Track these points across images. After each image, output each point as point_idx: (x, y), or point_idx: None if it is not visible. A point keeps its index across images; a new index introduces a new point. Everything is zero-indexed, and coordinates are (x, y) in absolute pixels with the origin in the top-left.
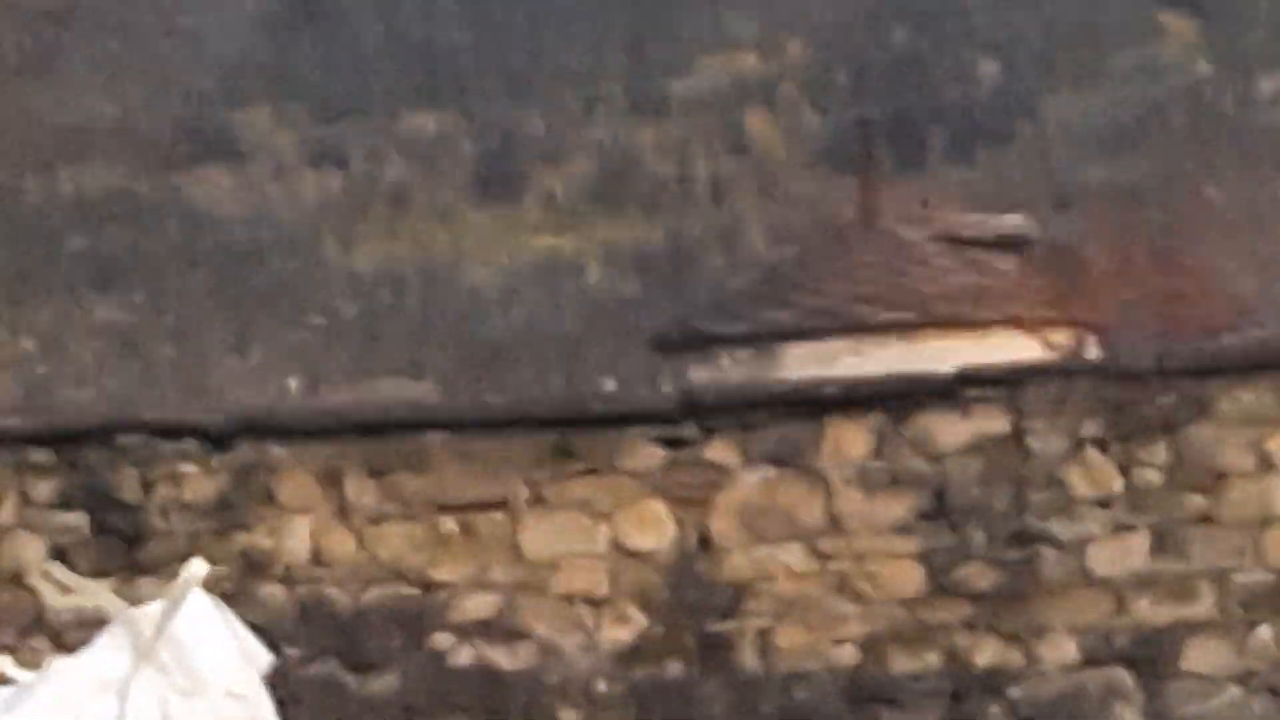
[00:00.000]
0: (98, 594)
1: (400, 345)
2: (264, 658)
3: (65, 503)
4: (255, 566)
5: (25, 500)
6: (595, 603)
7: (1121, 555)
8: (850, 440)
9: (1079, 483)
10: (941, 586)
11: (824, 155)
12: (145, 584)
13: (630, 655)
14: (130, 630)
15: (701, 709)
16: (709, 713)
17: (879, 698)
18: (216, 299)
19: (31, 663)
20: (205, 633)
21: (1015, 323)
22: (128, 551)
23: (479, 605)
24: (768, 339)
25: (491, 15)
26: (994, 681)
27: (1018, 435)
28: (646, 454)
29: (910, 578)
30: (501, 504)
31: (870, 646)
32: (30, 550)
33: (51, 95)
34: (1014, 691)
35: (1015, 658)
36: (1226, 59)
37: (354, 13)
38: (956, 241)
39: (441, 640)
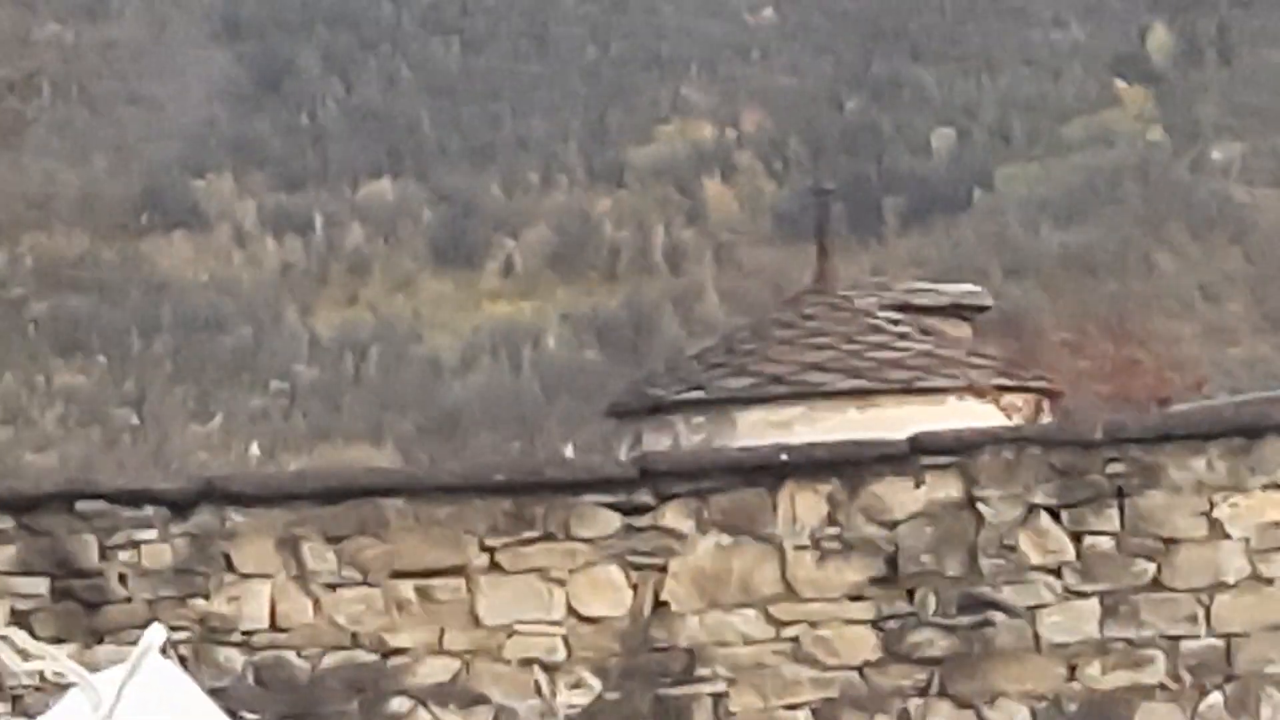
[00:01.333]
0: (58, 659)
1: (360, 411)
2: None
3: (25, 569)
4: (214, 632)
5: None
6: (551, 668)
7: (1073, 622)
8: (804, 507)
9: (1031, 549)
10: (894, 652)
11: (780, 223)
12: (105, 650)
13: None
14: (90, 696)
15: None
16: None
17: None
18: (178, 365)
19: None
20: (164, 698)
21: (969, 390)
22: (87, 617)
23: (435, 670)
24: (723, 406)
25: (451, 85)
26: None
27: (970, 502)
28: (602, 520)
29: (864, 643)
30: (458, 570)
31: (824, 712)
32: None
33: (14, 163)
34: None
35: None
36: (1180, 128)
37: (315, 82)
38: (911, 309)
39: (398, 705)
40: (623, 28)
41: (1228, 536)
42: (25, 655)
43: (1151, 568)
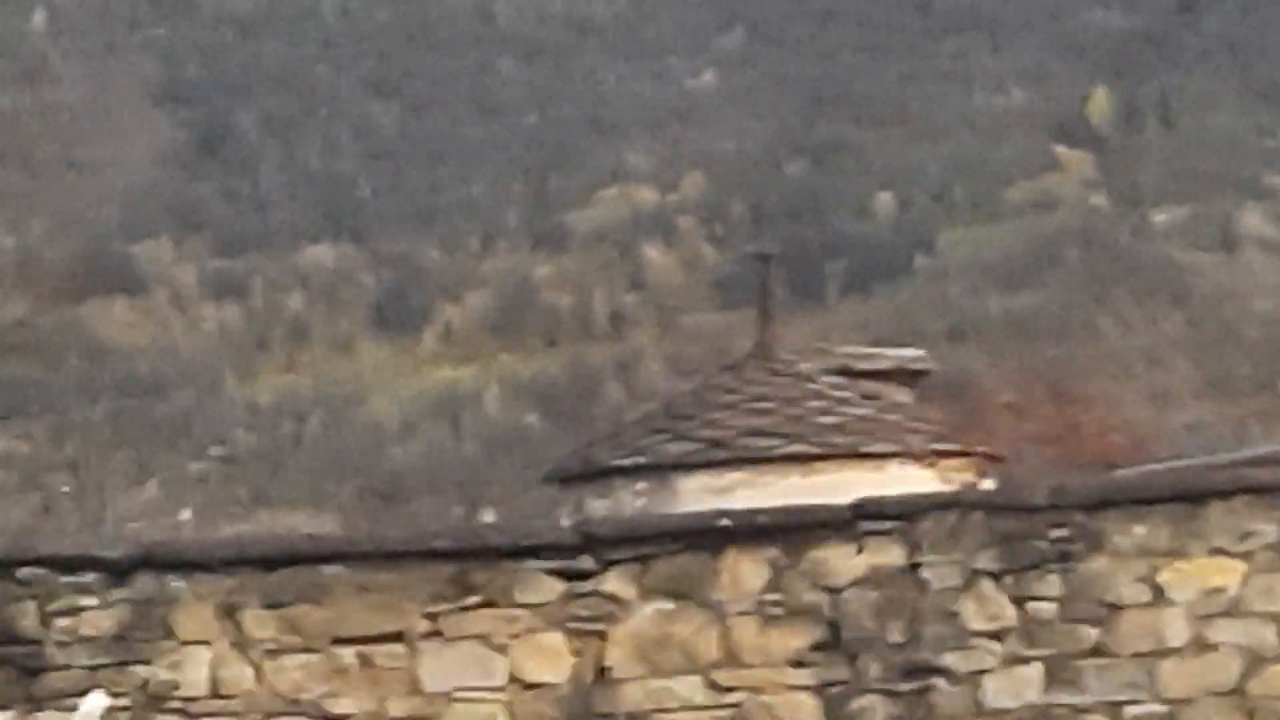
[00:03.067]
0: None
1: (300, 477)
2: None
3: None
4: (154, 699)
5: None
6: None
7: (1015, 687)
8: (746, 573)
9: (973, 615)
10: (837, 718)
11: (721, 288)
12: (45, 717)
13: None
14: None
15: None
16: None
17: None
18: (116, 431)
19: None
20: None
21: (910, 455)
22: (27, 684)
23: None
24: (665, 471)
25: (392, 148)
26: None
27: (913, 568)
28: (544, 586)
29: (806, 710)
30: (399, 636)
31: None
32: None
33: None
34: None
35: None
36: (1122, 193)
37: (254, 146)
38: (853, 374)
39: None
40: (563, 91)
41: (1171, 602)
42: None
43: (1095, 633)
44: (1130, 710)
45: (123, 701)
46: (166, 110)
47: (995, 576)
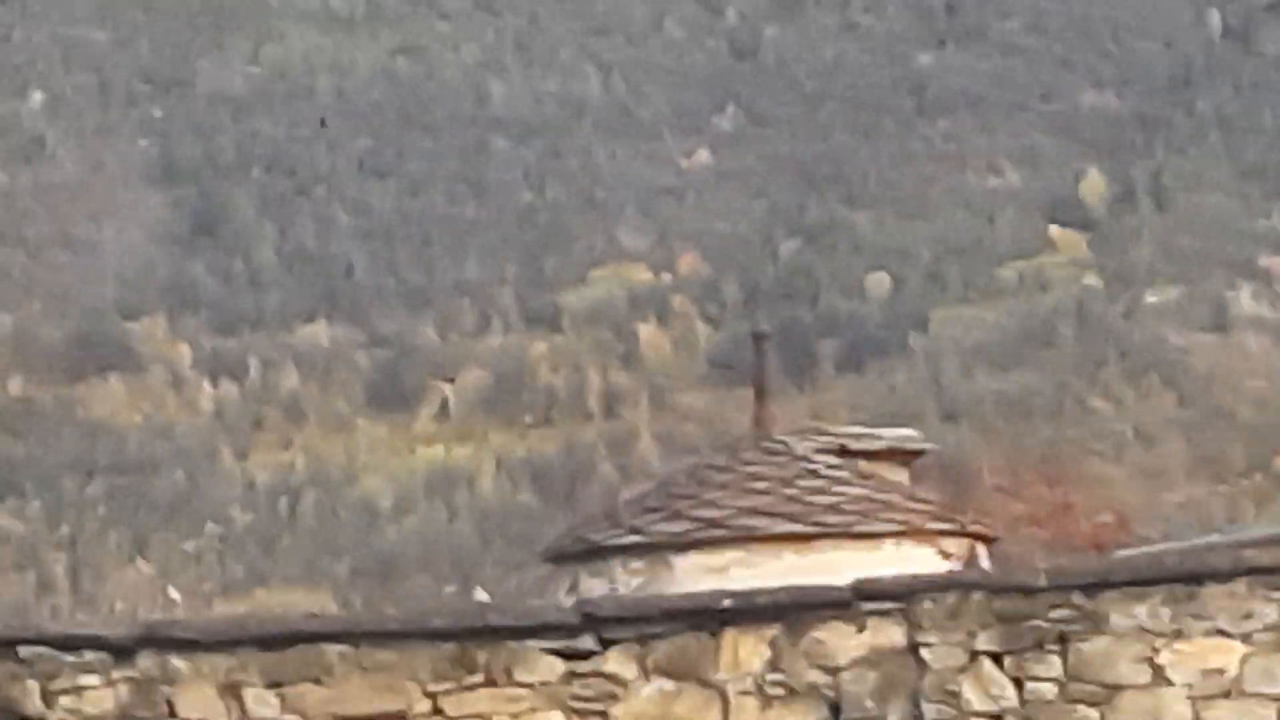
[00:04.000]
0: None
1: (295, 555)
2: None
3: None
4: None
5: None
6: None
7: None
8: (747, 652)
9: (973, 695)
10: None
11: (715, 367)
12: None
13: None
14: None
15: None
16: None
17: None
18: (112, 509)
19: None
20: None
21: (906, 534)
22: None
23: None
24: (660, 550)
25: (387, 228)
26: None
27: (913, 648)
28: (545, 666)
29: None
30: (401, 715)
31: None
32: None
33: None
34: None
35: None
36: (1114, 273)
37: (250, 225)
38: (848, 453)
39: None
40: (558, 171)
41: (1170, 683)
42: None
43: (1095, 714)
44: None
45: None
46: (161, 189)
47: (995, 657)
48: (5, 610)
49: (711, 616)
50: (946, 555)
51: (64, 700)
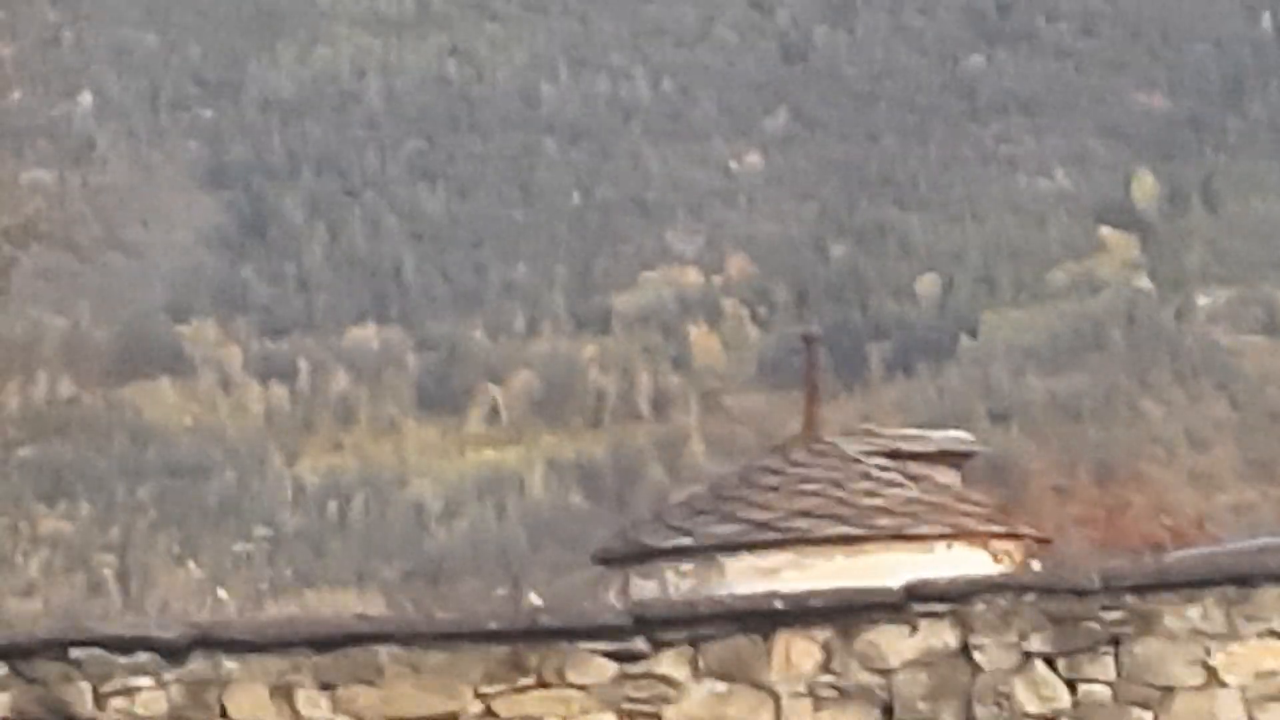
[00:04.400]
0: None
1: (344, 558)
2: None
3: (19, 716)
4: None
5: None
6: None
7: None
8: (800, 654)
9: (1026, 697)
10: None
11: (765, 369)
12: None
13: None
14: None
15: None
16: None
17: None
18: (162, 511)
19: None
20: None
21: (957, 536)
22: None
23: None
24: (711, 553)
25: (437, 231)
26: None
27: (965, 649)
28: (597, 667)
29: None
30: (453, 718)
31: None
32: None
33: (3, 310)
34: None
35: None
36: (1165, 275)
37: (299, 228)
38: (898, 455)
39: None
40: (608, 174)
41: (1224, 685)
42: None
43: (1148, 716)
44: None
45: None
46: (211, 192)
47: (1048, 659)
48: (56, 612)
49: (763, 618)
50: (998, 557)
51: (116, 702)
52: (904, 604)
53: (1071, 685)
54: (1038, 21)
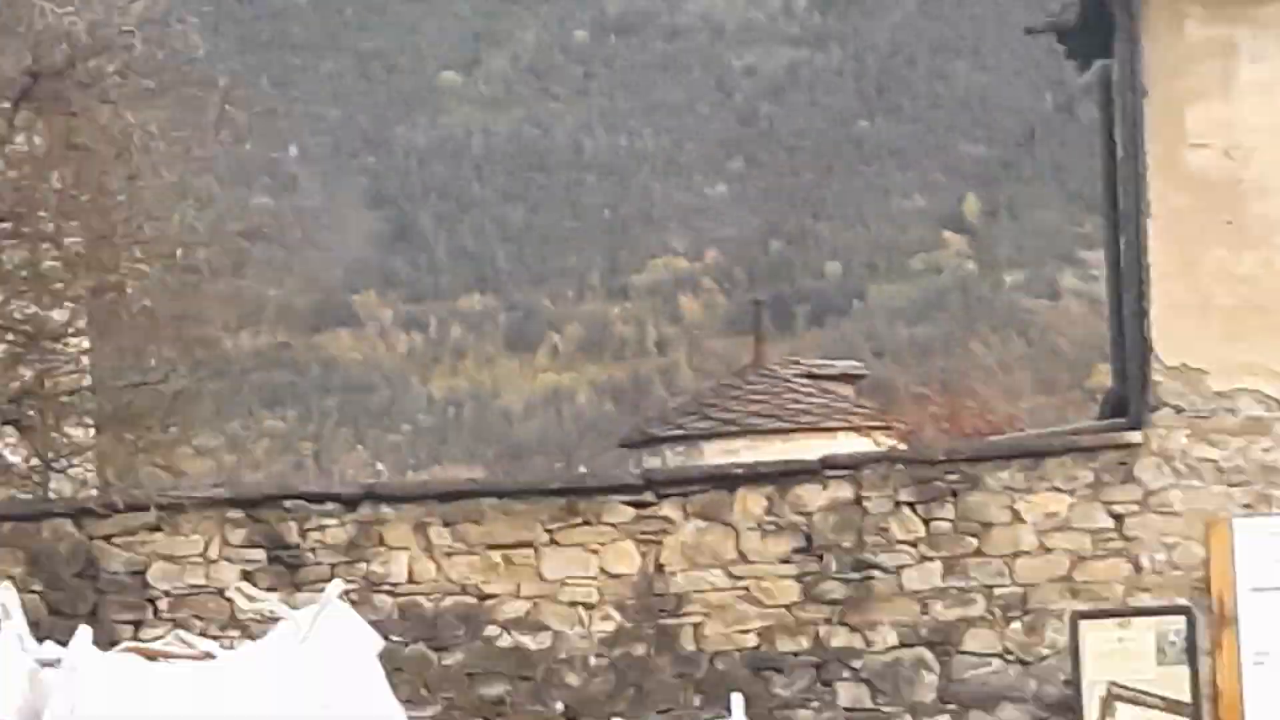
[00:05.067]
0: (272, 603)
1: (459, 444)
2: (378, 642)
3: (251, 544)
4: (372, 584)
5: (225, 542)
6: (589, 606)
7: (924, 576)
8: (752, 503)
9: (897, 530)
10: (811, 596)
11: (730, 324)
12: (303, 596)
13: (611, 640)
14: (294, 626)
15: (657, 676)
16: (662, 679)
17: (770, 668)
18: (341, 414)
19: (229, 647)
20: (342, 628)
21: (854, 429)
22: (291, 575)
23: (515, 608)
24: (694, 439)
25: (518, 235)
26: (844, 657)
27: (859, 500)
28: (622, 512)
29: (790, 591)
30: (529, 544)
31: (765, 635)
32: (228, 574)
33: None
34: (856, 663)
35: (858, 641)
36: (984, 262)
37: (431, 232)
38: (815, 377)
39: (491, 631)
40: (627, 198)
41: (1023, 522)
42: (251, 600)
43: (975, 542)
44: (998, 590)
45: (353, 586)
46: (373, 211)
47: (911, 505)
48: (274, 479)
49: (729, 480)
50: (879, 441)
51: (312, 535)
52: (819, 470)
53: (926, 522)
54: (903, 99)
